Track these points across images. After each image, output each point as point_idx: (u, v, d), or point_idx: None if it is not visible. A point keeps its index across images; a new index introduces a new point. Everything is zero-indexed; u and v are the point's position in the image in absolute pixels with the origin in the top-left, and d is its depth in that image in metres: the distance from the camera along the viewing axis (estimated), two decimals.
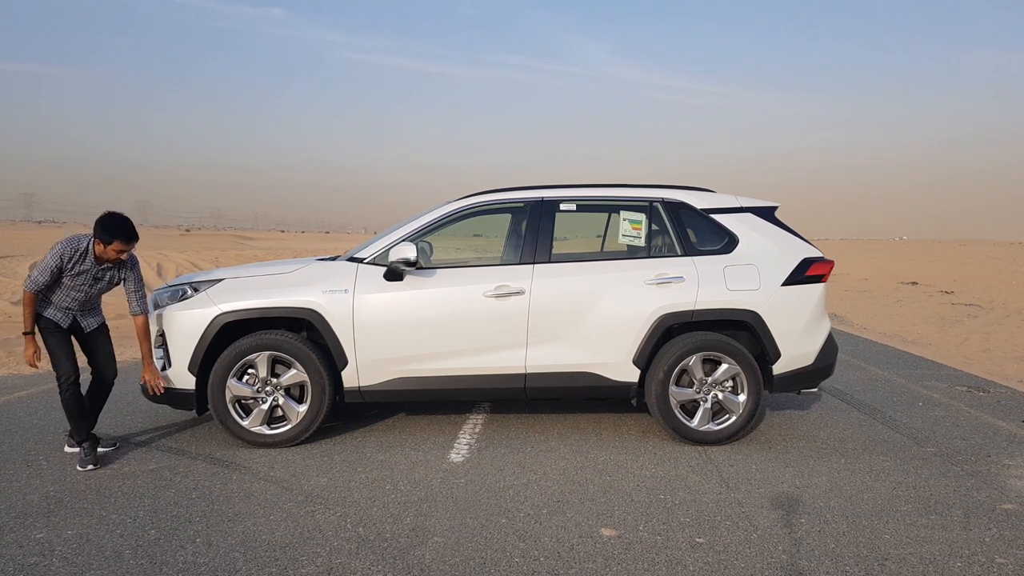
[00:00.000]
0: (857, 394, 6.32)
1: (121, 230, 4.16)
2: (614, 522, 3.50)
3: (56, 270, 4.13)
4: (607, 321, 4.67)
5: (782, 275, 4.80)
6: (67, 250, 4.13)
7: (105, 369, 4.49)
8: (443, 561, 3.07)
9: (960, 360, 8.33)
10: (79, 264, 4.17)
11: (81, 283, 4.23)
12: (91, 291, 4.30)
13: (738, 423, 4.72)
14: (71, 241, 4.17)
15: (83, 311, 4.38)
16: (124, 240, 4.18)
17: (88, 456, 4.20)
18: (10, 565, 2.99)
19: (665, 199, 5.02)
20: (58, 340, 4.24)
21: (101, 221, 4.16)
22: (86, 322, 4.40)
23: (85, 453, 4.21)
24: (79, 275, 4.19)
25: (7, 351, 7.85)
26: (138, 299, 4.42)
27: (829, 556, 3.15)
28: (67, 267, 4.15)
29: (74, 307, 4.30)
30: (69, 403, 4.24)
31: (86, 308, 4.39)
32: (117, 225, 4.16)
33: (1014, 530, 3.45)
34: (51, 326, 4.25)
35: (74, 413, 4.25)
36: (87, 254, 4.18)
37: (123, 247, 4.19)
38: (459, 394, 4.78)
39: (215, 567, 3.00)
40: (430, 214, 4.94)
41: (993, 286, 20.74)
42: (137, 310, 4.43)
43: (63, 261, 4.13)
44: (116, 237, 4.15)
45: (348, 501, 3.73)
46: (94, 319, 4.46)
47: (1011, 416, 5.62)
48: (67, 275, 4.17)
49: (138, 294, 4.42)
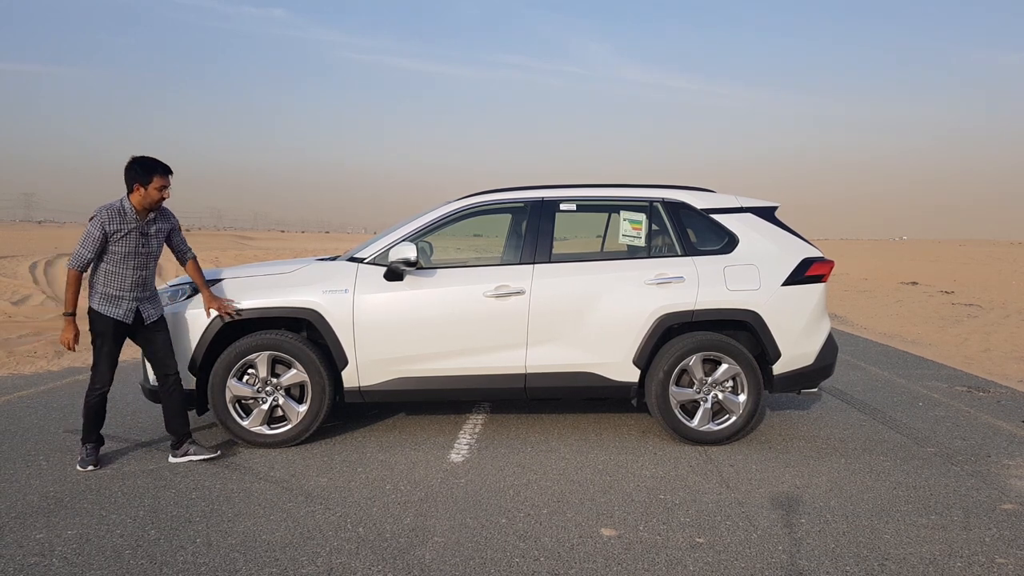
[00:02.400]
0: (857, 394, 6.32)
1: (156, 163, 4.11)
2: (614, 522, 3.50)
3: (100, 239, 4.00)
4: (607, 321, 4.67)
5: (782, 275, 4.80)
6: (103, 214, 4.02)
7: (166, 361, 4.32)
8: (443, 561, 3.07)
9: (960, 360, 8.33)
10: (123, 224, 4.04)
11: (131, 248, 4.08)
12: (145, 253, 4.15)
13: (738, 423, 4.72)
14: (105, 207, 4.06)
15: (143, 296, 4.23)
16: (163, 172, 4.12)
17: (90, 456, 4.18)
18: (10, 565, 2.99)
19: (665, 199, 5.02)
20: (110, 349, 4.14)
21: (133, 165, 4.07)
22: (148, 312, 4.26)
23: (87, 453, 4.18)
24: (125, 237, 4.05)
25: (7, 351, 7.85)
26: (187, 247, 4.47)
27: (829, 556, 3.15)
28: (111, 231, 4.01)
29: (135, 291, 4.15)
30: (93, 407, 4.18)
31: (146, 289, 4.25)
32: (151, 160, 4.10)
33: (1014, 530, 3.45)
34: (111, 328, 4.11)
35: (92, 417, 4.19)
36: (126, 211, 4.07)
37: (164, 181, 4.12)
38: (459, 394, 4.78)
39: (215, 567, 3.00)
40: (430, 214, 4.94)
41: (993, 286, 20.74)
42: (187, 257, 4.45)
43: (104, 227, 4.00)
44: (155, 172, 4.08)
45: (348, 501, 3.73)
46: (154, 309, 4.31)
47: (1011, 416, 5.62)
48: (113, 241, 4.03)
49: (185, 242, 4.46)
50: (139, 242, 4.13)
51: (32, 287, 15.77)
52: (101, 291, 4.11)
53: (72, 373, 6.91)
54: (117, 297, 4.11)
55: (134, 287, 4.16)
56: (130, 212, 4.08)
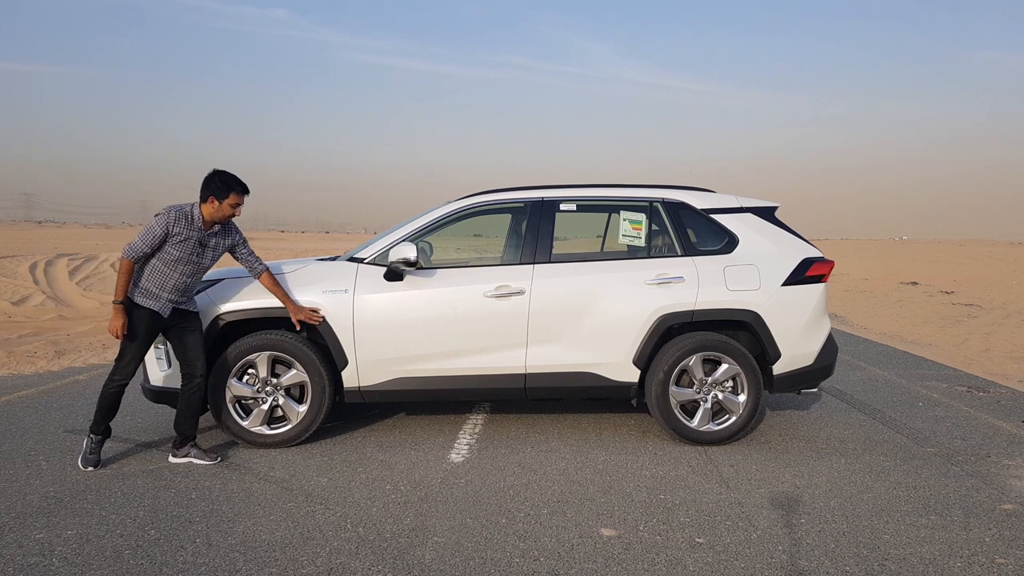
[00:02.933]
0: (857, 394, 6.32)
1: (236, 181, 4.12)
2: (614, 522, 3.50)
3: (161, 237, 4.01)
4: (607, 321, 4.67)
5: (782, 275, 4.80)
6: (171, 214, 4.03)
7: (194, 362, 4.29)
8: (443, 561, 3.08)
9: (960, 360, 8.33)
10: (186, 229, 4.05)
11: (186, 253, 4.09)
12: (196, 263, 4.17)
13: (738, 423, 4.72)
14: (175, 208, 4.07)
15: (181, 300, 4.22)
16: (240, 191, 4.13)
17: (93, 453, 4.16)
18: (10, 565, 2.99)
19: (665, 199, 5.02)
20: (142, 342, 4.13)
21: (213, 178, 4.09)
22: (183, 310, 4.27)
23: (92, 448, 4.15)
24: (184, 242, 4.06)
25: (7, 351, 7.85)
26: (256, 259, 4.43)
27: (829, 556, 3.15)
28: (173, 233, 4.02)
29: (174, 293, 4.14)
30: (109, 398, 4.17)
31: (185, 294, 4.23)
32: (231, 177, 4.12)
33: (1014, 530, 3.45)
34: (146, 320, 4.10)
35: (106, 408, 4.18)
36: (193, 218, 4.08)
37: (239, 200, 4.14)
38: (459, 394, 4.78)
39: (215, 567, 3.00)
40: (430, 214, 4.94)
41: (993, 286, 20.74)
42: (260, 268, 4.42)
43: (169, 227, 4.01)
44: (233, 188, 4.10)
45: (348, 501, 3.73)
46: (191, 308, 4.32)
47: (1011, 416, 5.62)
48: (171, 243, 4.03)
49: (253, 254, 4.43)
50: (195, 251, 4.14)
51: (32, 287, 15.77)
52: (141, 285, 4.10)
53: (72, 373, 6.91)
54: (155, 294, 4.11)
55: (174, 290, 4.15)
56: (197, 220, 4.11)
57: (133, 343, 4.13)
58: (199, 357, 4.30)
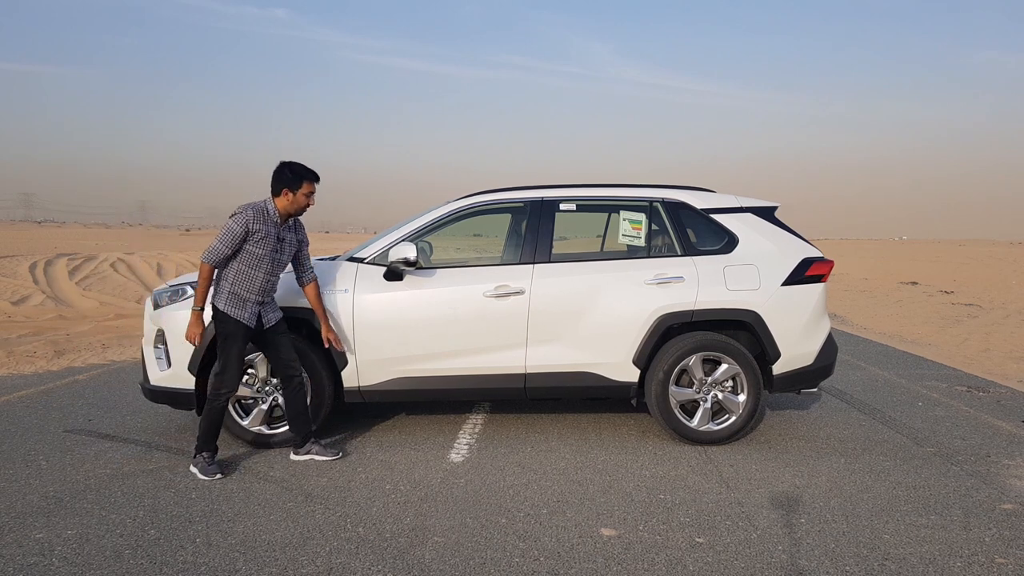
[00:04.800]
0: (857, 394, 6.32)
1: (306, 169, 4.13)
2: (614, 522, 3.50)
3: (241, 236, 3.97)
4: (607, 321, 4.67)
5: (782, 275, 4.80)
6: (248, 212, 4.00)
7: (291, 362, 4.26)
8: (443, 561, 3.08)
9: (960, 360, 8.33)
10: (265, 225, 4.03)
11: (267, 250, 4.05)
12: (277, 259, 4.14)
13: (738, 423, 4.72)
14: (250, 205, 4.05)
15: (265, 301, 4.20)
16: (312, 179, 4.14)
17: (212, 465, 4.08)
18: (10, 565, 2.99)
19: (665, 199, 5.02)
20: (239, 350, 4.08)
21: (283, 170, 4.08)
22: (267, 317, 4.22)
23: (208, 462, 4.08)
24: (264, 239, 4.03)
25: (7, 351, 7.85)
26: (310, 267, 4.40)
27: (829, 556, 3.15)
28: (253, 230, 3.99)
29: (260, 295, 4.12)
30: (217, 413, 4.12)
31: (269, 294, 4.22)
32: (300, 166, 4.12)
33: (1014, 530, 3.45)
34: (238, 330, 4.06)
35: (215, 423, 4.13)
36: (269, 213, 4.07)
37: (312, 188, 4.15)
38: (459, 394, 4.78)
39: (215, 567, 3.00)
40: (430, 214, 4.94)
41: (993, 286, 20.74)
42: (310, 277, 4.38)
43: (248, 225, 3.98)
44: (305, 177, 4.10)
45: (348, 501, 3.73)
46: (274, 313, 4.28)
47: (1011, 416, 5.62)
48: (252, 241, 4.00)
49: (309, 260, 4.41)
50: (275, 247, 4.12)
51: (32, 287, 15.78)
52: (229, 290, 4.05)
53: (72, 373, 6.91)
54: (244, 299, 4.06)
55: (261, 291, 4.13)
56: (273, 214, 4.09)
57: (231, 352, 4.07)
58: (294, 356, 4.30)
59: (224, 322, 4.06)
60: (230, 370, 4.08)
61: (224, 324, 4.06)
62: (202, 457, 4.09)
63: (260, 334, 4.22)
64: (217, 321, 4.09)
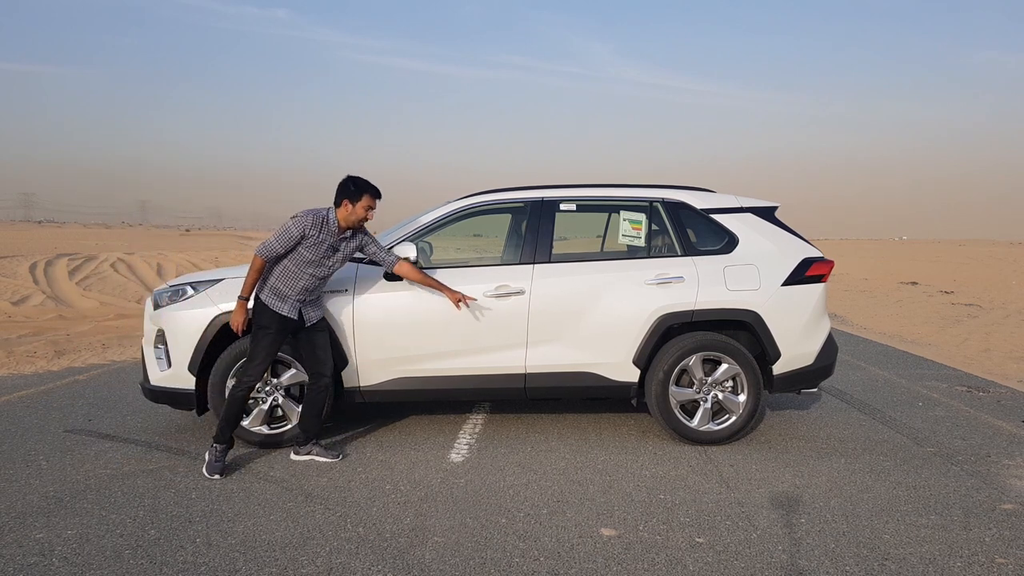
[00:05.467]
0: (857, 394, 6.32)
1: (368, 185, 4.18)
2: (614, 522, 3.50)
3: (296, 239, 4.06)
4: (607, 321, 4.67)
5: (782, 275, 4.80)
6: (308, 218, 4.08)
7: (324, 362, 4.31)
8: (443, 561, 3.08)
9: (960, 360, 8.34)
10: (321, 232, 4.11)
11: (318, 256, 4.13)
12: (326, 266, 4.21)
13: (738, 423, 4.72)
14: (312, 211, 4.13)
15: (309, 300, 4.27)
16: (373, 194, 4.18)
17: (218, 461, 4.09)
18: (10, 565, 2.99)
19: (665, 199, 5.02)
20: (271, 341, 4.12)
21: (347, 183, 4.14)
22: (309, 314, 4.28)
23: (217, 456, 4.09)
24: (317, 245, 4.11)
25: (7, 351, 7.85)
26: (387, 252, 4.45)
27: (829, 556, 3.15)
28: (308, 235, 4.07)
29: (302, 294, 4.18)
30: (238, 402, 4.16)
31: (312, 294, 4.28)
32: (363, 181, 4.17)
33: (1014, 530, 3.45)
34: (275, 322, 4.12)
35: (235, 412, 4.17)
36: (329, 221, 4.13)
37: (371, 203, 4.19)
38: (459, 394, 4.78)
39: (215, 567, 3.00)
40: (430, 214, 4.94)
41: (993, 286, 20.74)
42: (393, 259, 4.42)
43: (305, 230, 4.06)
44: (366, 191, 4.15)
45: (348, 501, 3.73)
46: (316, 311, 4.33)
47: (1011, 416, 5.63)
48: (305, 245, 4.08)
49: (383, 248, 4.45)
50: (326, 254, 4.19)
51: (32, 287, 15.78)
52: (272, 284, 4.15)
53: (72, 373, 6.91)
54: (285, 295, 4.15)
55: (303, 291, 4.20)
56: (332, 224, 4.15)
57: (263, 343, 4.13)
58: (328, 358, 4.34)
59: (262, 313, 4.14)
60: (257, 361, 4.14)
61: (261, 316, 4.14)
62: (214, 448, 4.12)
63: (299, 329, 4.28)
64: (255, 312, 4.17)
